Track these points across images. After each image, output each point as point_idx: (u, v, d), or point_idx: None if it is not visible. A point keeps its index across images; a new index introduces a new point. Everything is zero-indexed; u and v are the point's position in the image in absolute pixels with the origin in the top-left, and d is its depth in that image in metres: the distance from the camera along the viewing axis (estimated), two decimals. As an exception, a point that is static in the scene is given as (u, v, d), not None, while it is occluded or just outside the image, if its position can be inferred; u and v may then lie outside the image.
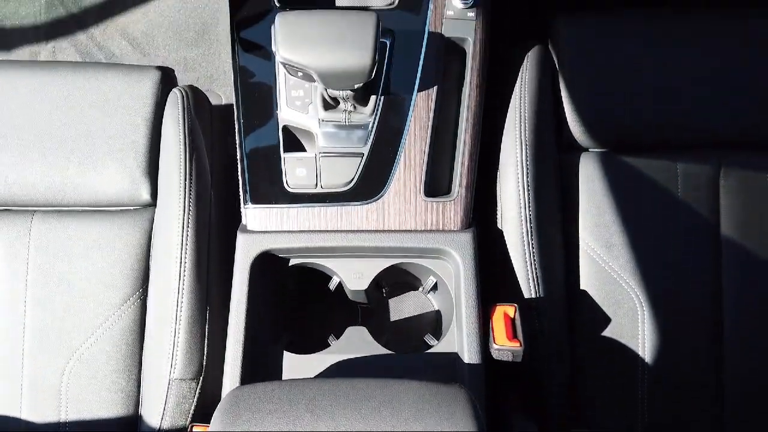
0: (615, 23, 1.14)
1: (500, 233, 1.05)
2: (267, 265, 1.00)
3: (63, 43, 1.69)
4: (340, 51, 0.88)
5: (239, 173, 1.02)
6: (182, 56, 1.69)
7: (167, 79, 1.12)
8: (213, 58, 1.69)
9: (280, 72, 1.03)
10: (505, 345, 0.90)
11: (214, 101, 1.67)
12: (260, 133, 1.03)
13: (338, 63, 0.89)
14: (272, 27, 0.92)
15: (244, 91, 1.05)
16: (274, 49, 0.90)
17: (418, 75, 1.03)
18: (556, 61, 1.12)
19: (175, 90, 1.09)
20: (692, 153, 1.10)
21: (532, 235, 1.01)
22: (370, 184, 1.00)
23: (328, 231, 0.99)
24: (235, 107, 1.05)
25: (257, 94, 1.04)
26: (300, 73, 0.94)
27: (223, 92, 1.67)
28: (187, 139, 1.04)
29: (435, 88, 1.02)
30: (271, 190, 1.01)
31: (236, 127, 1.04)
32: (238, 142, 1.02)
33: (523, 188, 1.03)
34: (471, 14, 1.04)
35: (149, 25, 1.70)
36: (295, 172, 1.00)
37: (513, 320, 0.93)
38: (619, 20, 1.14)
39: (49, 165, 1.06)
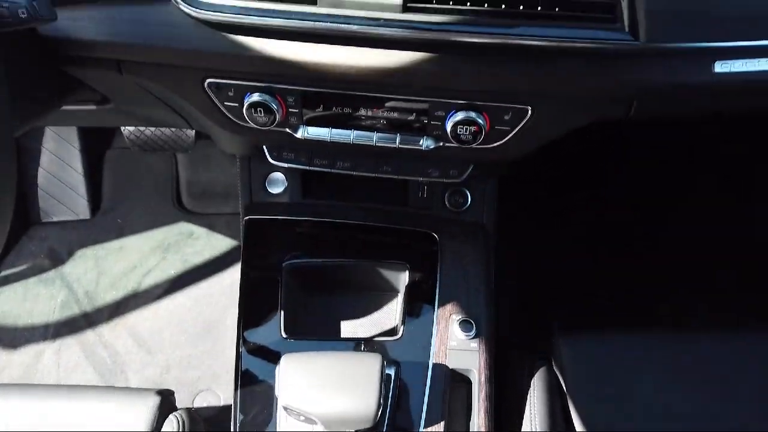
0: (619, 343, 1.15)
1: None
2: None
3: (69, 340, 1.71)
4: (343, 398, 0.87)
5: None
6: (186, 353, 1.69)
7: (166, 403, 1.10)
8: (217, 354, 1.69)
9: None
10: None
11: (212, 401, 1.64)
12: None
13: (341, 411, 0.87)
14: (276, 368, 0.92)
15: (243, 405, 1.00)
16: (276, 393, 0.89)
17: (424, 408, 1.00)
18: (562, 383, 1.10)
19: (171, 417, 1.06)
20: None
21: None
22: None
23: None
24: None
25: (257, 421, 1.00)
26: (302, 417, 0.91)
27: (222, 392, 1.63)
28: None
29: (441, 423, 0.99)
30: None
31: None
32: None
33: None
34: (474, 345, 1.06)
35: (157, 322, 1.74)
36: None
37: None
38: (623, 340, 1.15)
39: None
